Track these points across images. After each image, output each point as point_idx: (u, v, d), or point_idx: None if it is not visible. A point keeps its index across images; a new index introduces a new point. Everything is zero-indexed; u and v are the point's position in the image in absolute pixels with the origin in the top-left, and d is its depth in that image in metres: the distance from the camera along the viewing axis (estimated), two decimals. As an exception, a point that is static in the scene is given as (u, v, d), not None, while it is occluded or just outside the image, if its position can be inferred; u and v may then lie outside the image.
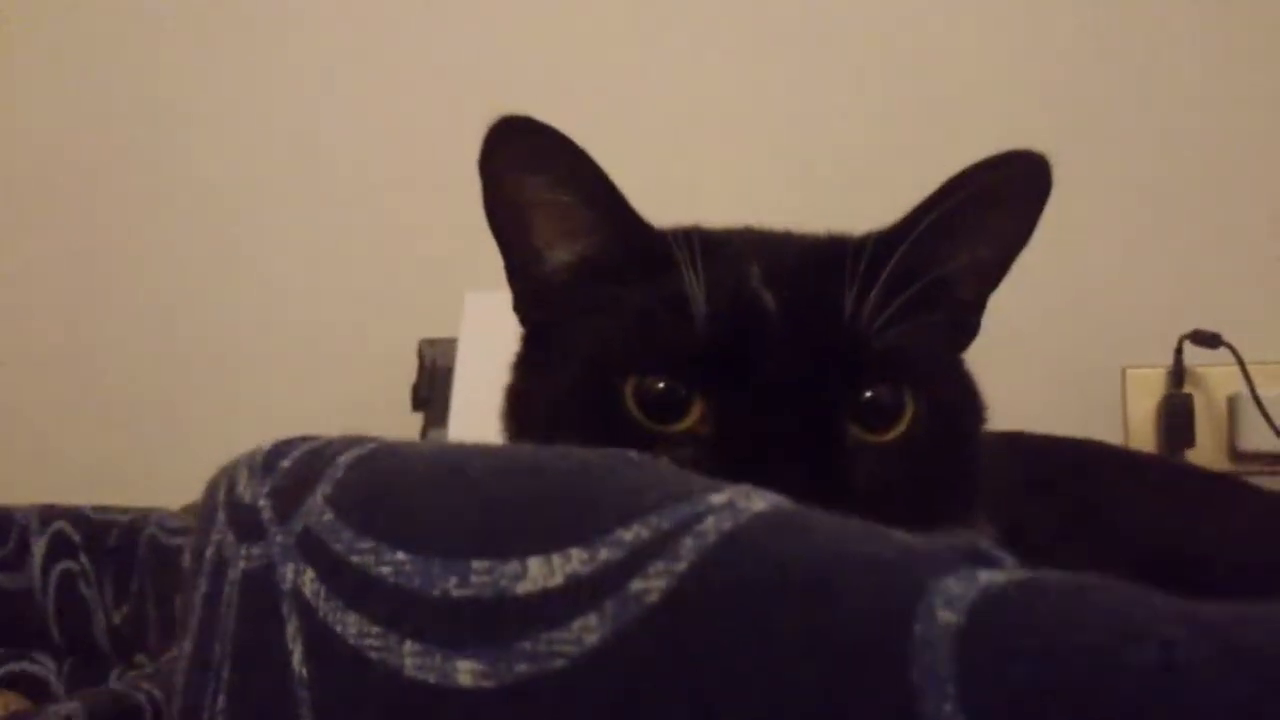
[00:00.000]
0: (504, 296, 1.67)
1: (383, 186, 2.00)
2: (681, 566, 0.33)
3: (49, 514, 1.28)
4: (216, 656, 0.47)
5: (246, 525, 0.47)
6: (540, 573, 0.35)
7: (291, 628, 0.42)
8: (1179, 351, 1.67)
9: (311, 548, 0.43)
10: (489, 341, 1.73)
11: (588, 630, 0.34)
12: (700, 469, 0.58)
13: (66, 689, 1.24)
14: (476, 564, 0.37)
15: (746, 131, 1.92)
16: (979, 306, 0.75)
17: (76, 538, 1.26)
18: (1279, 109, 1.76)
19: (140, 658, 1.20)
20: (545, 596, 0.35)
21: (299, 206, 2.02)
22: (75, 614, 1.25)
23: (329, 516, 0.42)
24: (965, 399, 0.71)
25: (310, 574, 0.42)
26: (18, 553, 1.27)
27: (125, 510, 1.27)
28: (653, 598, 0.33)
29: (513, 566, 0.36)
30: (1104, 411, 1.75)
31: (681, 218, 0.74)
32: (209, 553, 0.50)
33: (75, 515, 1.28)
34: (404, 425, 1.80)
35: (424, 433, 1.81)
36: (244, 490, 0.49)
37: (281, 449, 0.49)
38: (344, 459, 0.44)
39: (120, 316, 2.04)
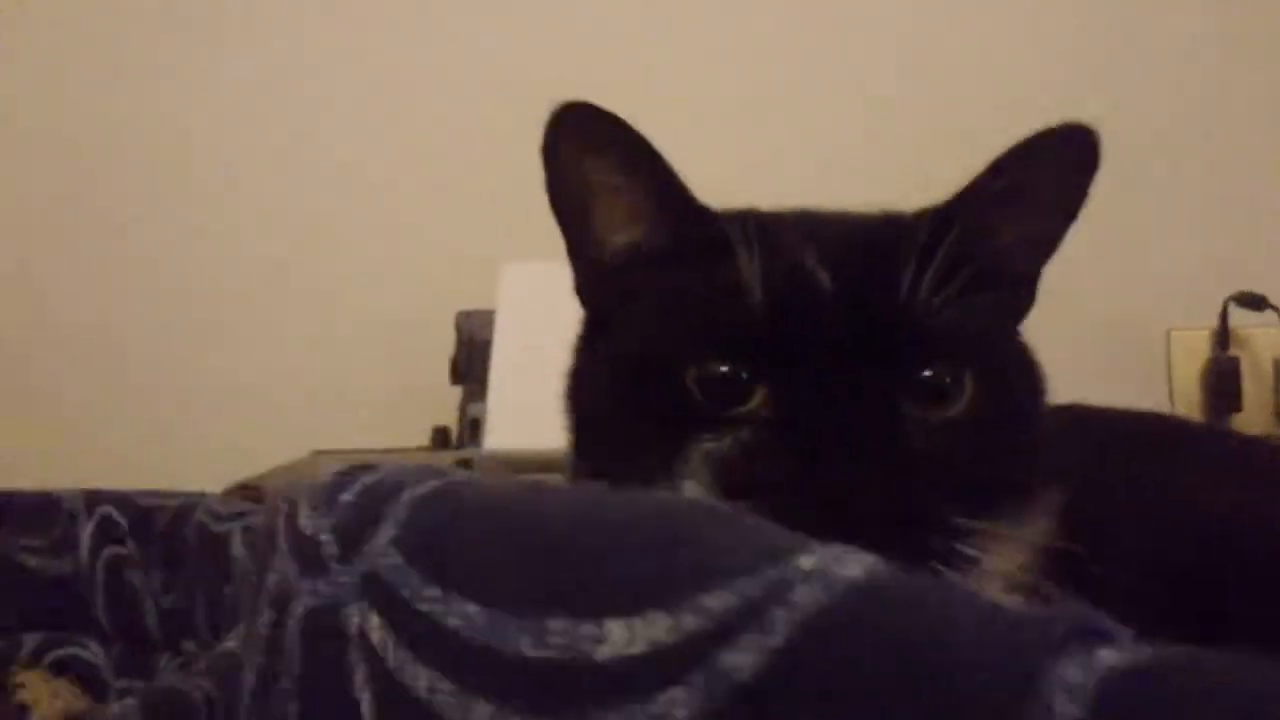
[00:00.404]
0: (541, 267, 1.68)
1: (419, 159, 2.00)
2: (774, 641, 0.32)
3: (95, 499, 1.28)
4: (282, 693, 0.46)
5: (309, 559, 0.46)
6: (621, 637, 0.34)
7: (360, 674, 0.41)
8: (1224, 313, 1.65)
9: (377, 591, 0.42)
10: (526, 313, 1.75)
11: (675, 705, 0.33)
12: (761, 451, 0.59)
13: (115, 675, 1.24)
14: (552, 623, 0.35)
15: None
16: (1033, 279, 0.75)
17: (124, 523, 1.26)
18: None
19: (188, 644, 1.20)
20: (628, 664, 0.34)
21: (335, 178, 2.02)
22: (124, 600, 1.25)
23: (395, 559, 0.42)
24: (1024, 373, 0.71)
25: (377, 619, 0.41)
26: (65, 538, 1.27)
27: (172, 495, 1.27)
28: (744, 674, 0.32)
29: (590, 628, 0.35)
30: (1148, 373, 1.73)
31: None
32: (271, 580, 0.50)
33: (122, 500, 1.28)
34: (444, 397, 1.81)
35: (463, 405, 1.82)
36: (306, 522, 0.48)
37: (343, 481, 0.48)
38: (407, 497, 0.44)
39: (159, 292, 2.05)
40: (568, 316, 0.79)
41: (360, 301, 2.00)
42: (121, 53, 2.07)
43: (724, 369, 0.63)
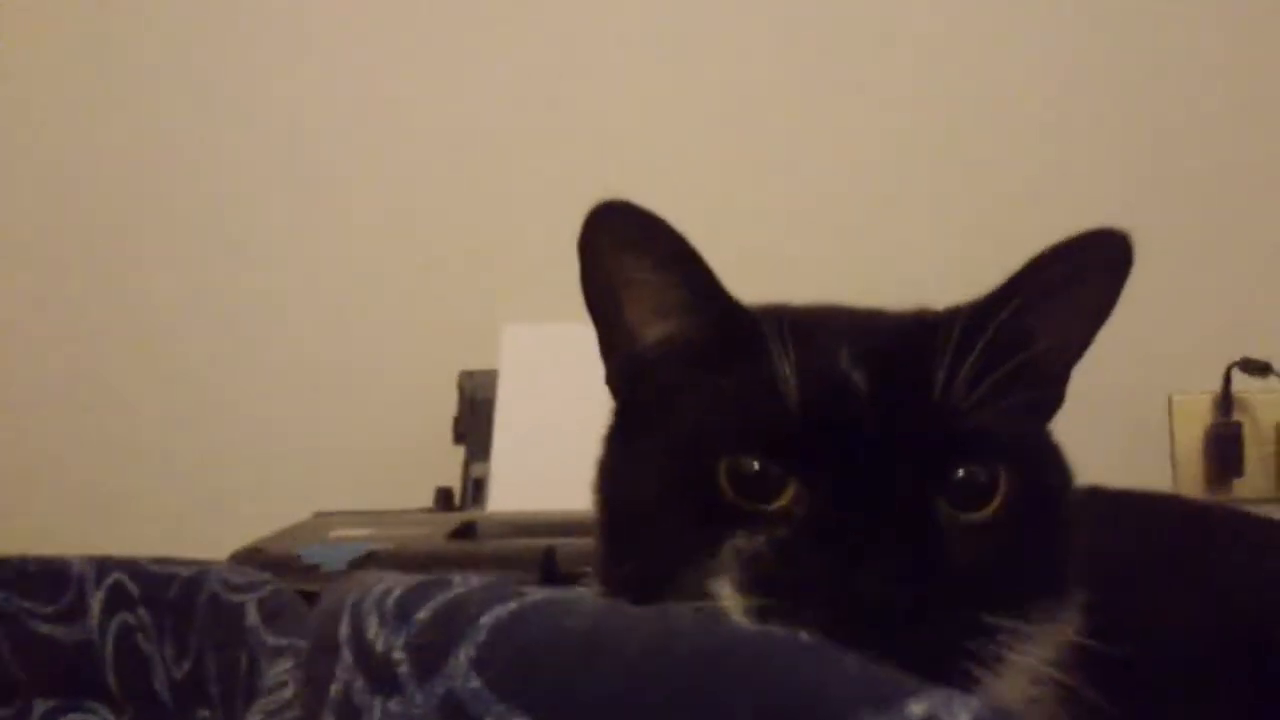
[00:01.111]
0: (542, 329, 1.68)
1: (420, 219, 2.00)
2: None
3: (106, 565, 1.28)
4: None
5: (381, 676, 0.46)
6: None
7: (440, 801, 0.41)
8: (1227, 378, 1.66)
9: (458, 715, 0.42)
10: (529, 374, 1.75)
11: None
12: (796, 549, 0.60)
13: (127, 743, 1.24)
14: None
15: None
16: (1063, 379, 0.76)
17: (135, 590, 1.25)
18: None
19: (202, 712, 1.20)
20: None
21: (337, 237, 2.02)
22: (134, 667, 1.24)
23: (476, 684, 0.42)
24: (1055, 472, 0.72)
25: (458, 744, 0.41)
26: (75, 605, 1.27)
27: (184, 563, 1.27)
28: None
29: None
30: (1151, 437, 1.74)
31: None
32: (334, 690, 0.50)
33: (133, 567, 1.27)
34: (446, 457, 1.81)
35: (466, 466, 1.82)
36: (374, 637, 0.48)
37: (415, 597, 0.48)
38: (487, 620, 0.43)
39: (158, 353, 2.04)
40: (570, 378, 0.79)
41: (362, 361, 2.00)
42: (123, 129, 2.08)
43: (756, 465, 0.63)
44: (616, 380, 0.77)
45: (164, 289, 2.05)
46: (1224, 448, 1.67)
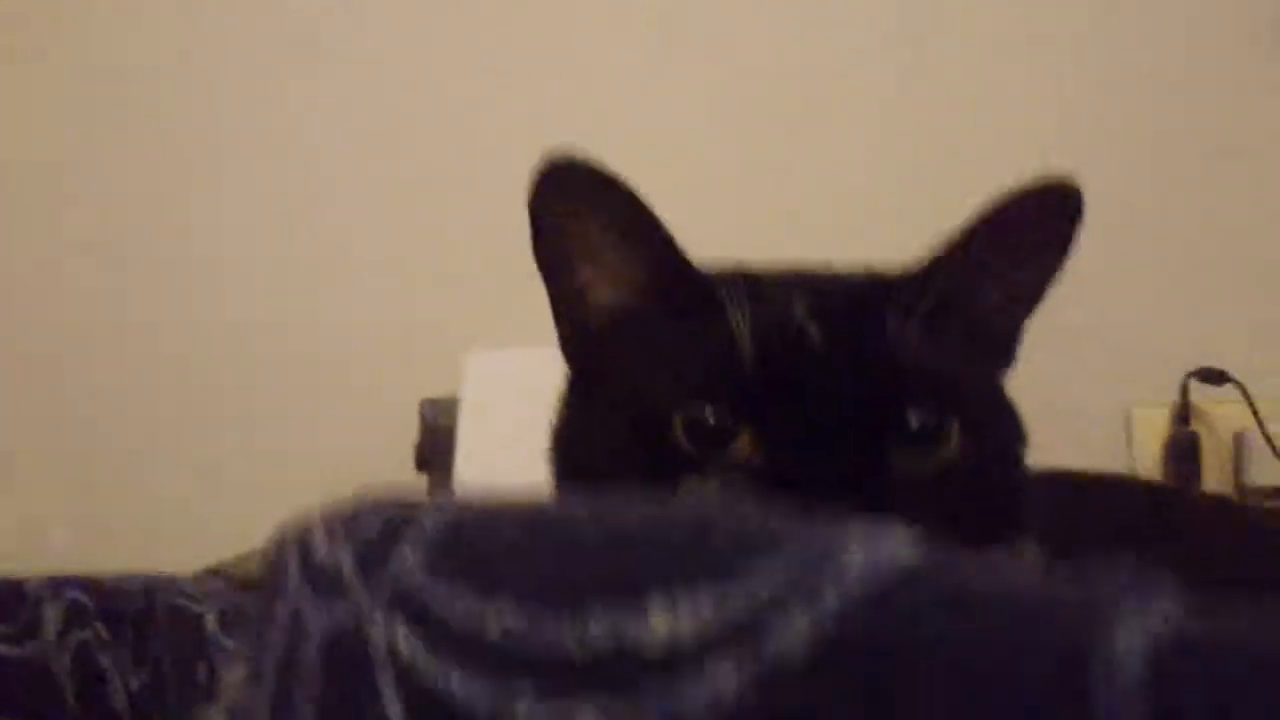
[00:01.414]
0: (505, 355, 1.67)
1: (382, 247, 2.00)
2: (826, 612, 0.32)
3: (62, 584, 1.26)
4: (300, 715, 0.46)
5: (326, 583, 0.46)
6: (664, 619, 0.34)
7: (389, 688, 0.41)
8: (1184, 389, 1.68)
9: (404, 604, 0.42)
10: (491, 401, 1.74)
11: (723, 681, 0.33)
12: (749, 499, 0.60)
13: (84, 759, 1.22)
14: (594, 611, 0.36)
15: (735, 168, 1.93)
16: (1017, 333, 0.77)
17: (91, 606, 1.24)
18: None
19: (160, 725, 1.19)
20: (673, 645, 0.34)
21: (301, 263, 2.02)
22: (92, 683, 1.23)
23: (421, 573, 0.42)
24: (1008, 424, 0.73)
25: (404, 630, 0.41)
26: (31, 624, 1.25)
27: (141, 576, 1.26)
28: (794, 647, 0.32)
29: (634, 614, 0.35)
30: (1111, 450, 1.75)
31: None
32: (281, 614, 0.49)
33: (88, 583, 1.26)
34: (408, 484, 1.80)
35: (428, 494, 1.80)
36: (320, 547, 0.48)
37: (362, 512, 0.48)
38: (431, 517, 0.44)
39: (121, 377, 2.03)
40: (532, 404, 0.79)
41: (324, 388, 2.00)
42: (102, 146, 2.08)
43: (711, 416, 0.64)
44: (570, 344, 0.77)
45: (122, 310, 2.04)
46: (1182, 458, 1.68)
